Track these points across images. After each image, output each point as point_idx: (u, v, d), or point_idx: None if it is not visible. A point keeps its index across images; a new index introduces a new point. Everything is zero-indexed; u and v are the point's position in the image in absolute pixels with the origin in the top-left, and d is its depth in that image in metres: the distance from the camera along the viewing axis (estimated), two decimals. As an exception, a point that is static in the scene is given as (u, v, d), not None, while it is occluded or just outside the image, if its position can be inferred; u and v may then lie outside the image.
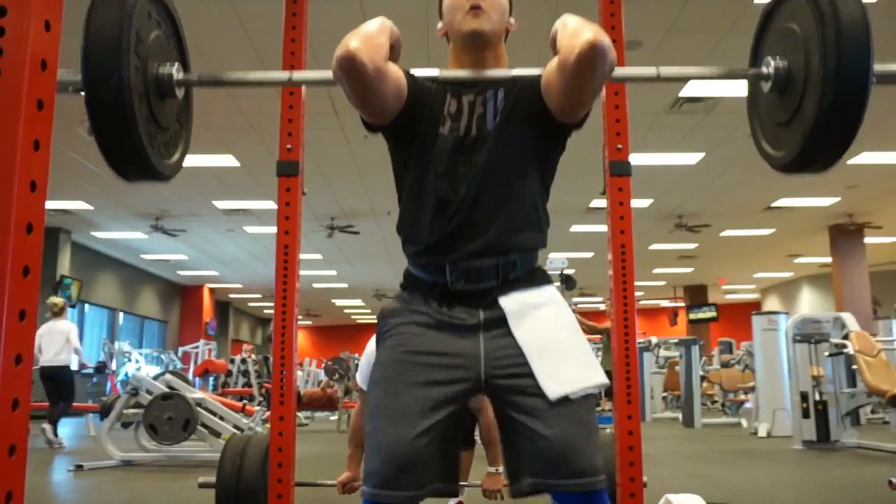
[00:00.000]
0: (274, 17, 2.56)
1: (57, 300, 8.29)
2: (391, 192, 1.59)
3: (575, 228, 12.93)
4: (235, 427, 6.07)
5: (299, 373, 11.89)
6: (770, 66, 1.52)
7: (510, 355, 1.40)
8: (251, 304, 24.97)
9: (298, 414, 6.60)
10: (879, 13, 5.38)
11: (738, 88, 6.97)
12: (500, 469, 2.90)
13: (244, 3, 5.26)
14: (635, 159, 2.47)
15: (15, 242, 0.89)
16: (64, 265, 13.32)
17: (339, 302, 23.14)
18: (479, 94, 1.52)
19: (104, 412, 6.55)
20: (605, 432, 2.66)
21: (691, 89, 6.99)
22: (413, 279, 1.52)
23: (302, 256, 2.60)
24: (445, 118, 1.50)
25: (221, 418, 5.97)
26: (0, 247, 0.88)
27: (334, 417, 10.97)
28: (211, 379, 13.85)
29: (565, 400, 1.34)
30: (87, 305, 15.38)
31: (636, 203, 8.08)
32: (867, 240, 13.40)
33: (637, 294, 2.51)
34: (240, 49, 5.90)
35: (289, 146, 2.54)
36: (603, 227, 2.56)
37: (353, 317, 26.92)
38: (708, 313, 19.16)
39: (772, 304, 21.07)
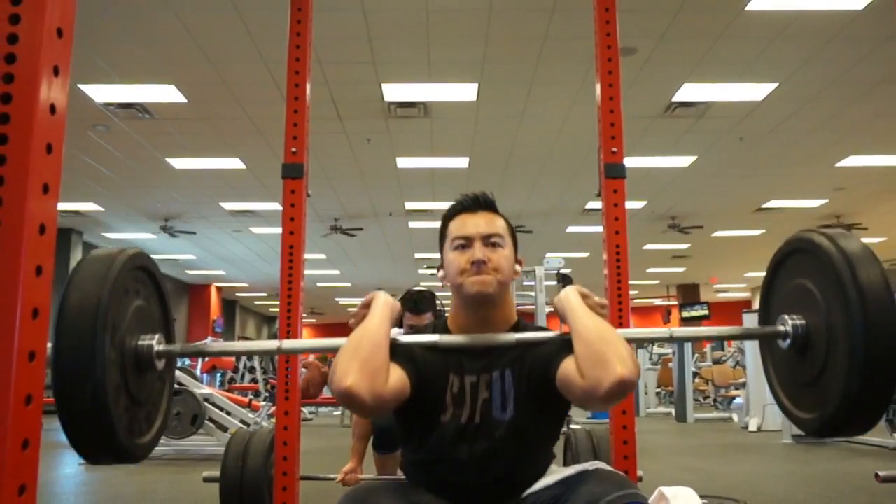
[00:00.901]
0: (279, 25, 2.56)
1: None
2: (392, 194, 1.60)
3: (571, 229, 12.94)
4: (242, 422, 6.08)
5: (303, 369, 11.88)
6: (787, 323, 1.41)
7: None
8: (257, 303, 24.97)
9: (303, 409, 6.60)
10: (864, 24, 5.38)
11: (730, 94, 6.97)
12: None
13: (250, 11, 5.26)
14: (630, 162, 2.47)
15: (28, 243, 0.89)
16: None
17: (342, 300, 23.14)
18: (484, 373, 1.41)
19: (115, 407, 6.54)
20: (601, 427, 2.66)
21: (684, 94, 6.98)
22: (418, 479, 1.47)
23: (306, 256, 2.60)
24: (447, 406, 1.40)
25: (228, 413, 5.98)
26: (14, 247, 0.88)
27: (338, 413, 10.97)
28: (218, 375, 13.82)
29: (586, 471, 1.33)
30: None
31: (630, 205, 8.09)
32: (854, 240, 13.37)
33: (631, 293, 2.51)
34: (247, 55, 5.90)
35: (294, 149, 2.54)
36: (598, 228, 2.56)
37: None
38: (700, 311, 19.13)
39: (762, 302, 21.02)
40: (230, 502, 2.86)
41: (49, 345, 1.07)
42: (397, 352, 1.35)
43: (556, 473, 1.41)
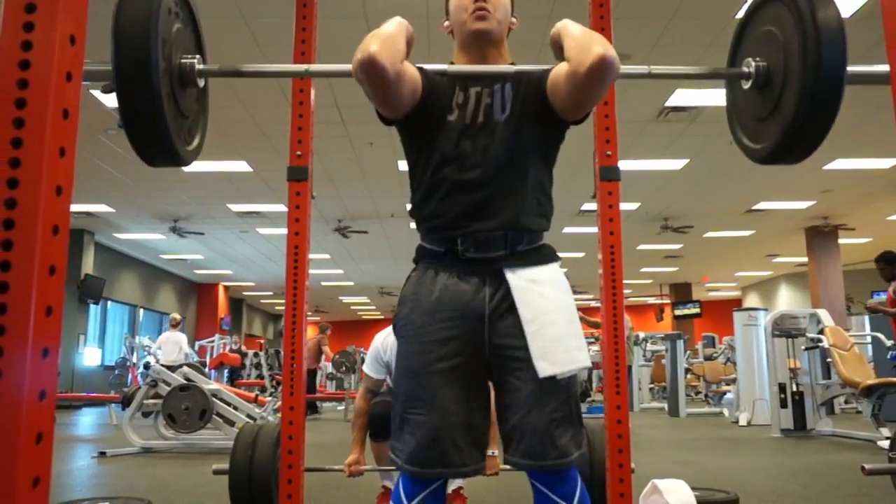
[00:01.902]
0: (285, 31, 2.56)
1: (176, 316, 10.50)
2: (394, 196, 1.61)
3: (567, 230, 12.94)
4: (248, 416, 6.07)
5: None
6: (751, 65, 1.55)
7: (512, 335, 1.42)
8: (263, 301, 24.97)
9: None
10: (850, 30, 5.39)
11: (720, 99, 6.97)
12: (496, 452, 2.91)
13: (257, 18, 5.26)
14: (624, 165, 2.47)
15: (42, 243, 0.89)
16: (88, 264, 13.33)
17: (345, 299, 23.14)
18: (487, 86, 1.52)
19: (125, 402, 6.55)
20: (596, 421, 2.66)
21: (677, 99, 6.98)
22: (425, 251, 1.55)
23: (311, 256, 2.60)
24: (454, 108, 1.51)
25: (235, 408, 5.97)
26: (28, 247, 0.88)
27: (341, 407, 10.97)
28: (226, 371, 13.84)
29: (552, 379, 1.38)
30: (109, 302, 15.38)
31: (625, 206, 8.09)
32: (841, 241, 13.40)
33: (625, 292, 2.51)
34: (253, 61, 5.89)
35: (299, 153, 2.54)
36: (593, 229, 2.56)
37: (360, 313, 26.89)
38: (692, 310, 19.16)
39: (752, 300, 21.06)
40: (239, 494, 2.87)
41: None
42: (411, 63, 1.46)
43: (541, 284, 1.46)
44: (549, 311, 1.43)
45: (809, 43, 1.37)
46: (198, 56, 1.51)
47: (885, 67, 1.23)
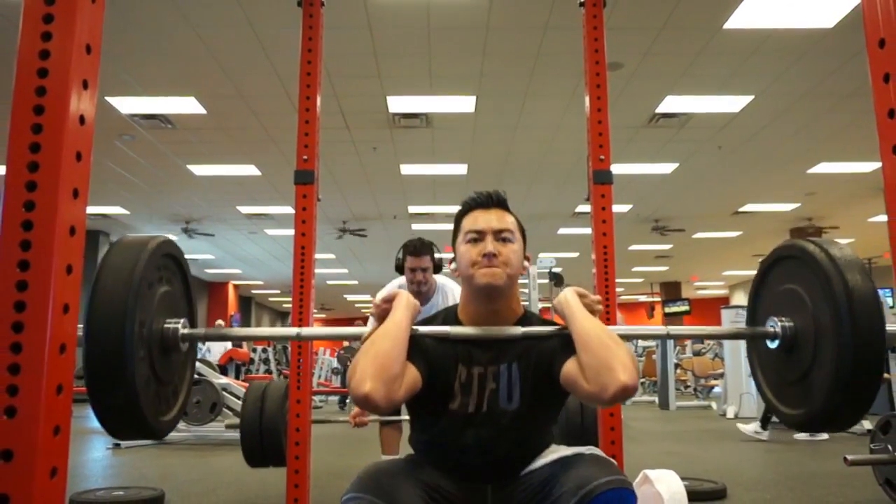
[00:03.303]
0: (292, 41, 2.56)
1: (220, 323, 12.43)
2: (396, 199, 1.59)
3: (562, 231, 12.95)
4: (257, 409, 6.07)
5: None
6: (777, 325, 1.39)
7: (521, 491, 1.34)
8: (271, 299, 24.97)
9: (313, 398, 6.60)
10: (833, 41, 5.39)
11: (709, 106, 6.97)
12: None
13: (265, 29, 5.26)
14: (616, 169, 2.46)
15: (59, 243, 0.89)
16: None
17: (350, 297, 23.14)
18: (491, 364, 1.39)
19: (139, 396, 6.54)
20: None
21: (667, 106, 6.98)
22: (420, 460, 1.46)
23: (317, 256, 2.60)
24: (456, 393, 1.38)
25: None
26: (46, 247, 0.88)
27: (346, 401, 10.96)
28: (234, 366, 13.83)
29: (580, 454, 1.30)
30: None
31: (617, 208, 8.08)
32: (824, 241, 13.37)
33: (618, 290, 2.51)
34: (261, 70, 5.90)
35: (305, 157, 2.54)
36: (587, 230, 2.56)
37: (363, 310, 26.89)
38: (682, 307, 19.13)
39: (739, 298, 21.04)
40: (251, 444, 2.93)
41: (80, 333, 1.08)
42: (411, 349, 1.32)
43: (554, 453, 1.40)
44: (551, 454, 1.38)
45: (843, 313, 1.23)
46: (182, 320, 1.37)
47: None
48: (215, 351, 11.50)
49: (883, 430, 3.24)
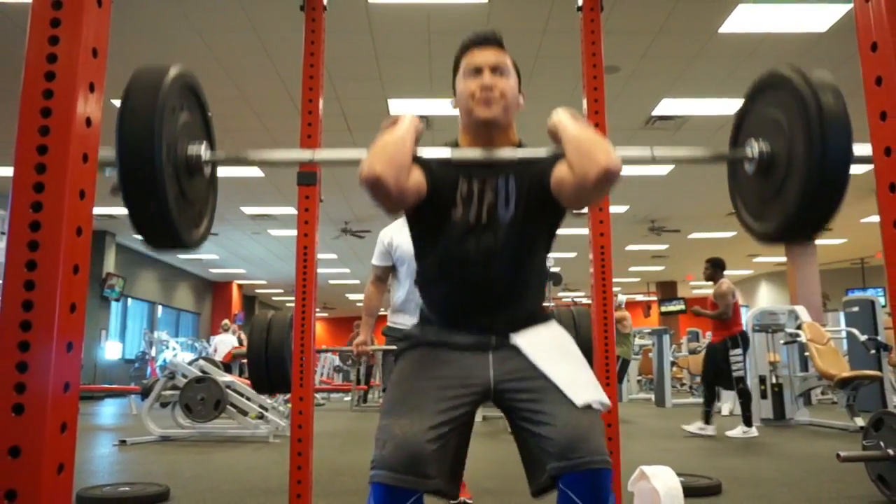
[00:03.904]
0: (294, 45, 2.56)
1: (227, 322, 12.49)
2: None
3: (560, 231, 12.86)
4: (261, 407, 6.08)
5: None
6: (754, 149, 1.46)
7: (520, 368, 1.36)
8: (274, 298, 24.97)
9: (316, 395, 6.60)
10: (826, 45, 5.39)
11: (704, 109, 6.97)
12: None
13: (268, 32, 5.26)
14: (613, 170, 2.46)
15: (66, 244, 0.89)
16: (109, 264, 13.33)
17: (351, 296, 23.13)
18: (490, 178, 1.44)
19: (145, 394, 6.56)
20: (583, 308, 2.67)
21: (663, 109, 6.99)
22: (428, 320, 1.49)
23: (319, 256, 2.60)
24: (458, 203, 1.43)
25: (248, 399, 5.98)
26: (53, 248, 0.88)
27: (348, 398, 10.98)
28: (238, 364, 13.84)
29: (580, 406, 1.29)
30: (129, 299, 15.38)
31: (614, 209, 8.09)
32: (818, 241, 13.40)
33: (615, 289, 2.51)
34: (264, 72, 5.90)
35: (308, 159, 2.54)
36: (585, 231, 2.56)
37: (361, 319, 26.84)
38: (677, 306, 19.13)
39: (734, 298, 21.04)
40: (257, 373, 2.99)
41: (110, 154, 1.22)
42: (415, 162, 1.38)
43: (548, 335, 1.42)
44: (559, 352, 1.39)
45: (813, 129, 1.30)
46: (205, 143, 1.45)
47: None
48: (221, 350, 11.48)
49: (875, 427, 3.24)
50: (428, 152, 1.43)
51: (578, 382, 1.33)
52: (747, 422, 5.92)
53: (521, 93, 1.53)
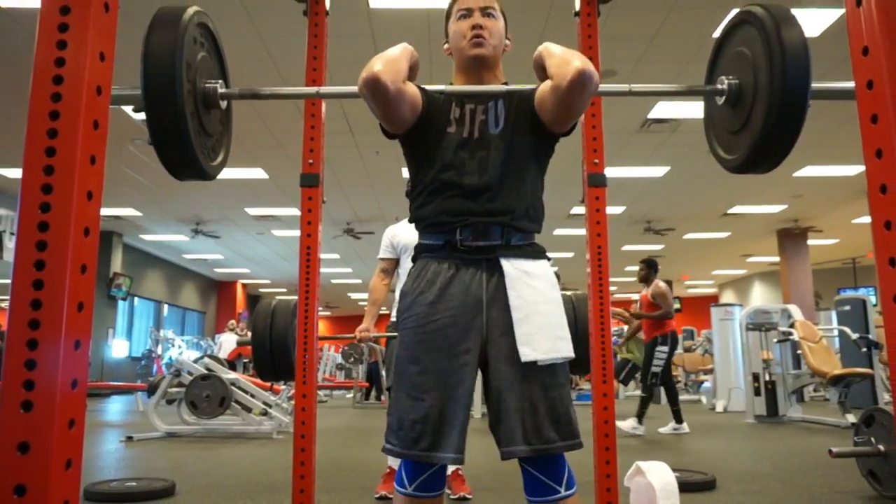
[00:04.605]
0: (298, 49, 2.56)
1: (232, 322, 12.80)
2: (399, 200, 1.60)
3: (558, 232, 12.94)
4: (264, 403, 6.07)
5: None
6: (724, 83, 1.54)
7: (503, 323, 1.40)
8: (278, 298, 24.97)
9: (318, 392, 6.59)
10: (819, 49, 5.38)
11: (698, 111, 6.97)
12: None
13: (272, 37, 5.26)
14: (610, 172, 2.47)
15: (74, 244, 0.89)
16: (116, 264, 13.32)
17: (353, 295, 23.14)
18: (481, 103, 1.53)
19: (151, 391, 6.55)
20: (580, 293, 2.67)
21: (658, 112, 6.98)
22: (424, 247, 1.52)
23: (322, 256, 2.60)
24: (452, 122, 1.51)
25: (252, 396, 5.98)
26: (61, 248, 0.88)
27: (350, 395, 10.97)
28: (243, 362, 13.83)
29: (533, 365, 1.35)
30: (136, 298, 15.38)
31: (611, 210, 8.08)
32: (810, 242, 13.40)
33: (611, 289, 2.51)
34: (269, 76, 5.90)
35: (310, 161, 2.54)
36: (582, 231, 2.55)
37: (366, 308, 26.87)
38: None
39: (728, 297, 21.05)
40: (262, 359, 2.99)
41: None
42: (411, 85, 1.47)
43: (538, 279, 1.45)
44: (537, 302, 1.41)
45: (775, 61, 1.37)
46: (220, 81, 1.52)
47: (850, 84, 1.21)
48: (225, 347, 11.49)
49: (866, 423, 3.24)
50: (425, 87, 1.52)
51: (536, 337, 1.38)
52: (640, 418, 5.85)
53: (508, 37, 1.62)
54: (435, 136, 1.50)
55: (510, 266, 1.43)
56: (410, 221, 1.59)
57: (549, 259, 1.53)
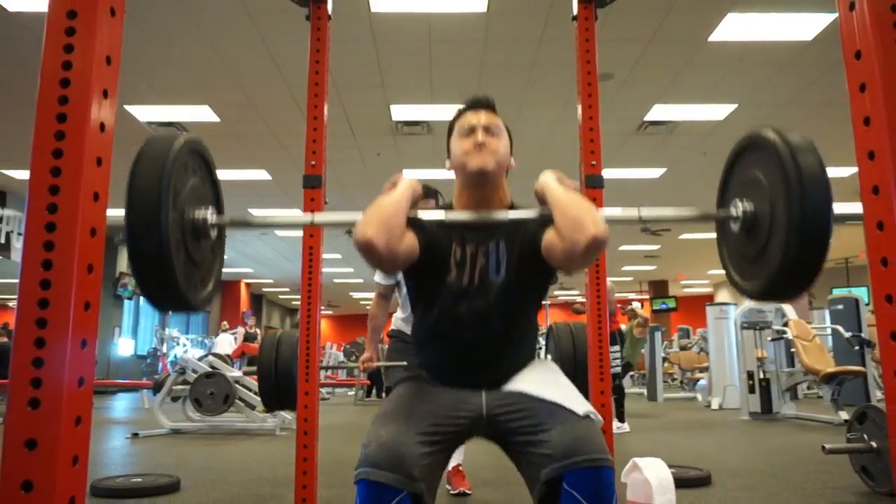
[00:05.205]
0: (300, 53, 2.56)
1: (226, 323, 13.75)
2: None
3: (556, 232, 12.95)
4: (268, 401, 6.07)
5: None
6: (738, 208, 1.43)
7: (513, 395, 1.37)
8: (281, 297, 24.97)
9: (321, 389, 6.59)
10: (812, 53, 5.39)
11: (694, 114, 6.97)
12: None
13: (275, 41, 5.26)
14: (607, 174, 2.46)
15: (81, 244, 0.89)
16: (122, 264, 13.32)
17: (355, 294, 23.14)
18: (482, 243, 1.45)
19: (156, 388, 6.55)
20: (579, 324, 2.67)
21: (655, 115, 6.98)
22: (421, 364, 1.51)
23: (324, 256, 2.60)
24: (451, 268, 1.44)
25: (256, 393, 5.97)
26: (68, 248, 0.88)
27: (351, 393, 10.97)
28: (247, 360, 13.83)
29: (580, 415, 1.29)
30: (141, 298, 15.34)
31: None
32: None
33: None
34: (272, 80, 5.90)
35: (313, 162, 2.54)
36: (579, 231, 2.55)
37: (368, 307, 26.86)
38: (669, 304, 19.16)
39: (723, 296, 21.03)
40: (268, 389, 2.99)
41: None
42: (410, 224, 1.37)
43: (545, 376, 1.42)
44: (546, 380, 1.40)
45: (793, 192, 1.27)
46: (211, 208, 1.43)
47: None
48: (221, 347, 11.55)
49: (859, 420, 3.24)
50: (423, 215, 1.42)
51: (573, 398, 1.34)
52: (620, 417, 5.87)
53: (512, 155, 1.53)
54: (434, 282, 1.44)
55: (511, 385, 1.41)
56: (412, 334, 1.56)
57: (538, 353, 1.52)
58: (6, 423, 0.84)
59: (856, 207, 1.15)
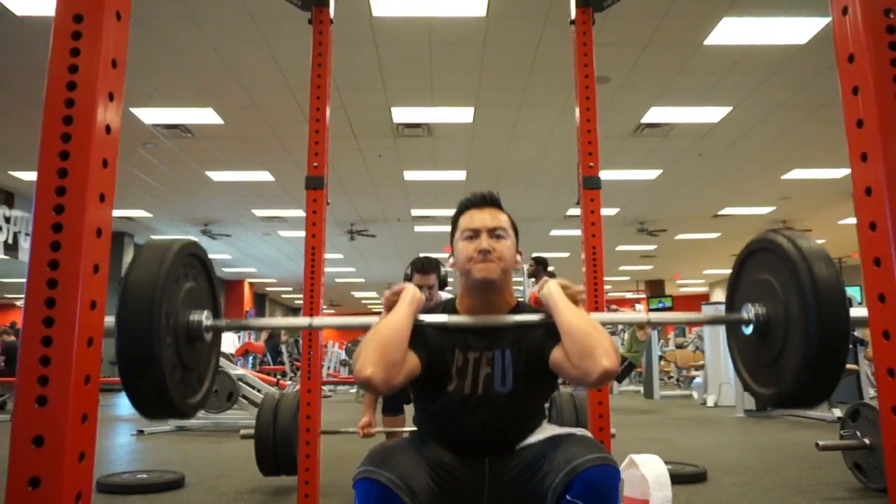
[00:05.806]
0: (303, 56, 2.56)
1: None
2: (400, 202, 1.59)
3: (554, 233, 12.94)
4: (271, 398, 6.07)
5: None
6: (751, 312, 1.39)
7: (514, 455, 1.37)
8: (284, 296, 24.97)
9: (323, 387, 6.61)
10: (805, 56, 5.38)
11: (690, 116, 6.97)
12: None
13: (278, 44, 5.26)
14: (604, 175, 2.46)
15: (87, 244, 0.89)
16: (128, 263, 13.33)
17: (357, 294, 23.13)
18: (487, 350, 1.40)
19: (161, 386, 6.55)
20: (581, 394, 2.67)
21: (651, 117, 6.98)
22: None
23: (326, 256, 2.60)
24: (453, 377, 1.39)
25: (259, 391, 5.97)
26: (75, 248, 0.88)
27: (353, 391, 10.97)
28: (251, 358, 13.83)
29: (572, 434, 1.33)
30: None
31: (605, 211, 8.07)
32: (798, 242, 13.37)
33: (605, 287, 2.51)
34: (275, 82, 5.90)
35: (315, 164, 2.54)
36: (577, 232, 2.55)
37: (369, 306, 26.89)
38: (665, 303, 19.16)
39: (718, 295, 21.03)
40: (264, 453, 2.90)
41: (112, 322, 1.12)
42: (413, 337, 1.32)
43: (547, 431, 1.41)
44: (551, 430, 1.40)
45: (809, 301, 1.23)
46: (206, 312, 1.37)
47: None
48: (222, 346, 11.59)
49: (852, 417, 3.24)
50: (426, 318, 1.38)
51: (571, 431, 1.35)
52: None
53: (519, 251, 1.47)
54: (434, 394, 1.40)
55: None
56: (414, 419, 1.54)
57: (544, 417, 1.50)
58: (14, 420, 0.84)
59: (864, 311, 1.11)
